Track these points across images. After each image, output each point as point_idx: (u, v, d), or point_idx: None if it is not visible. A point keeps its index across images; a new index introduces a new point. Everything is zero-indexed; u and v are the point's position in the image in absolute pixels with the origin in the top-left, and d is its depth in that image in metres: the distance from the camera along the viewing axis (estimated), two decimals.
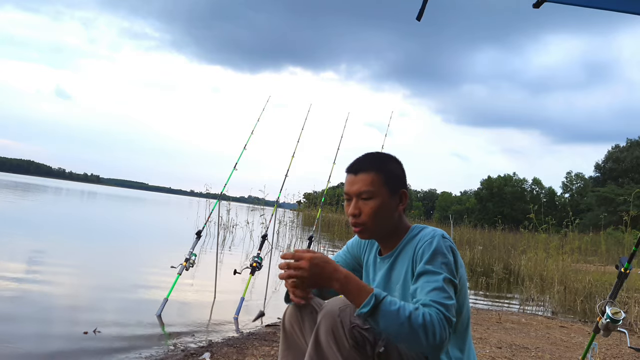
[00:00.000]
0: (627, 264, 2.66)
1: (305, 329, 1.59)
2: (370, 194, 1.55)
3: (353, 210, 1.57)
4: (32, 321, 3.51)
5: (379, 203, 1.55)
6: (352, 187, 1.58)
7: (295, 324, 1.62)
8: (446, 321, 1.31)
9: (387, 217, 1.57)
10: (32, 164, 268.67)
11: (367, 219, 1.56)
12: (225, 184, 5.20)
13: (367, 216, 1.55)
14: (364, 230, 1.58)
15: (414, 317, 1.28)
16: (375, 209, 1.55)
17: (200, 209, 11.92)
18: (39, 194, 27.42)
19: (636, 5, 1.84)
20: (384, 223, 1.57)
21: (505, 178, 57.05)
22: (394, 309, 1.31)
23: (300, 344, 1.61)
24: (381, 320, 1.31)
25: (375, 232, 1.59)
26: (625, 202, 10.33)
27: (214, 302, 4.92)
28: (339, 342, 1.36)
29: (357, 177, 1.58)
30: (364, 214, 1.56)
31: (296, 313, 1.62)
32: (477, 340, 4.21)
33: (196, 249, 4.58)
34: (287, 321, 1.64)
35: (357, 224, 1.58)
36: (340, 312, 1.39)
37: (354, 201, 1.58)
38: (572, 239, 10.71)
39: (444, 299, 1.35)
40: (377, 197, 1.55)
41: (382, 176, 1.56)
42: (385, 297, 1.33)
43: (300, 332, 1.61)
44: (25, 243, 7.69)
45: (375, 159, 1.61)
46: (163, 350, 3.19)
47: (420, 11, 1.93)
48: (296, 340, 1.62)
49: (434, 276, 1.40)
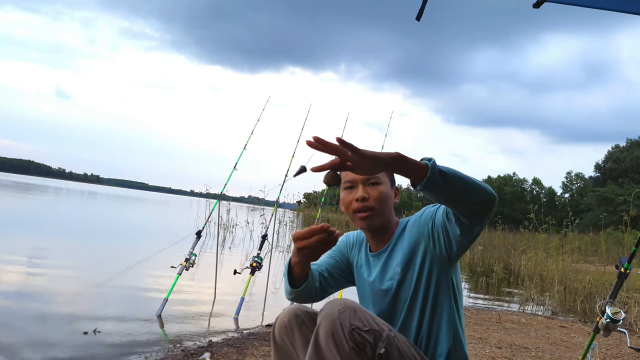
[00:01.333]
0: (627, 264, 2.66)
1: (296, 340, 1.57)
2: (377, 180, 1.60)
3: (362, 194, 1.58)
4: (32, 321, 3.51)
5: (385, 189, 1.60)
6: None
7: (285, 335, 1.60)
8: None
9: (389, 206, 1.63)
10: (32, 164, 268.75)
11: (375, 203, 1.58)
12: (225, 184, 5.21)
13: (376, 200, 1.58)
14: (373, 215, 1.59)
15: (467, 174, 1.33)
16: (383, 193, 1.59)
17: (200, 209, 11.92)
18: (39, 194, 27.41)
19: (636, 5, 1.84)
20: (388, 211, 1.62)
21: (505, 178, 57.10)
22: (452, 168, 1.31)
23: (292, 354, 1.59)
24: (450, 179, 1.28)
25: (382, 217, 1.61)
26: (625, 202, 10.32)
27: (214, 302, 4.92)
28: (338, 345, 1.35)
29: None
30: (372, 198, 1.58)
31: (286, 325, 1.60)
32: (477, 340, 4.21)
33: (196, 249, 4.58)
34: (277, 333, 1.62)
35: (365, 208, 1.58)
36: (340, 315, 1.37)
37: (361, 187, 1.60)
38: (572, 239, 10.70)
39: None
40: (383, 184, 1.60)
41: None
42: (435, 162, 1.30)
43: (291, 343, 1.59)
44: (26, 243, 7.69)
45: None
46: (163, 350, 3.19)
47: (420, 11, 1.93)
48: (287, 350, 1.61)
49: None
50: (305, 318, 1.58)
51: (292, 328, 1.58)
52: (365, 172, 1.27)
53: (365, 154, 1.23)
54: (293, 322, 1.59)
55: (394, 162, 1.26)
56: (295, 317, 1.59)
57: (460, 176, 1.30)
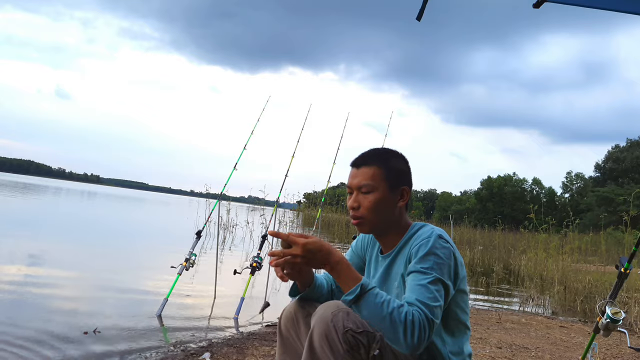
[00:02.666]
0: (627, 264, 2.65)
1: (301, 332, 1.60)
2: (369, 188, 1.57)
3: (352, 204, 1.60)
4: (32, 321, 3.50)
5: (378, 197, 1.57)
6: (354, 181, 1.61)
7: (291, 327, 1.63)
8: (427, 323, 1.33)
9: (386, 212, 1.58)
10: (32, 164, 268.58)
11: (365, 213, 1.58)
12: (225, 184, 5.20)
13: (366, 210, 1.58)
14: (362, 224, 1.60)
15: (396, 313, 1.31)
16: (373, 202, 1.57)
17: (200, 209, 11.90)
18: (39, 194, 27.40)
19: (636, 5, 1.84)
20: (383, 218, 1.58)
21: (505, 178, 57.00)
22: (378, 301, 1.33)
23: (297, 346, 1.62)
24: (364, 310, 1.34)
25: (374, 226, 1.60)
26: (625, 202, 10.31)
27: (214, 302, 4.92)
28: (332, 347, 1.35)
29: (358, 170, 1.61)
30: (362, 207, 1.58)
31: (292, 316, 1.63)
32: (477, 340, 4.21)
33: (196, 249, 4.58)
34: (283, 325, 1.65)
35: (355, 216, 1.60)
36: (333, 317, 1.38)
37: (354, 194, 1.60)
38: (572, 239, 10.70)
39: (429, 300, 1.36)
40: (377, 192, 1.57)
41: (383, 171, 1.58)
42: (372, 289, 1.35)
43: (296, 335, 1.61)
44: (26, 243, 7.69)
45: (379, 153, 1.64)
46: (163, 351, 3.19)
47: (420, 11, 1.93)
48: (292, 343, 1.63)
49: (423, 275, 1.41)
50: (311, 310, 1.59)
51: (298, 319, 1.61)
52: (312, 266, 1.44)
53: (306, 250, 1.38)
54: (299, 313, 1.62)
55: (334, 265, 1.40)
56: (301, 309, 1.62)
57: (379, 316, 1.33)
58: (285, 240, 1.41)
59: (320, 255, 1.39)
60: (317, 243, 1.39)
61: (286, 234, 1.40)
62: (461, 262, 1.52)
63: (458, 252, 1.52)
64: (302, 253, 1.38)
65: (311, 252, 1.38)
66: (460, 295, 1.52)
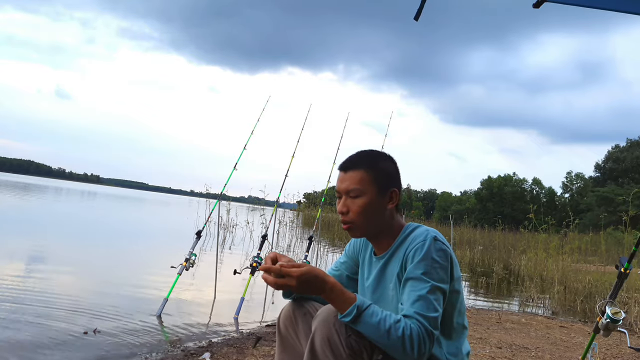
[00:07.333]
0: (627, 264, 2.66)
1: (300, 330, 1.59)
2: (357, 192, 1.55)
3: (341, 208, 1.58)
4: (32, 321, 3.50)
5: (366, 201, 1.55)
6: (342, 185, 1.59)
7: (289, 326, 1.62)
8: (427, 335, 1.33)
9: (376, 216, 1.56)
10: (32, 164, 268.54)
11: (354, 217, 1.56)
12: (225, 184, 5.20)
13: (355, 214, 1.56)
14: (352, 228, 1.59)
15: (393, 330, 1.31)
16: (362, 207, 1.55)
17: (200, 209, 11.91)
18: (39, 194, 27.41)
19: (636, 5, 1.84)
20: (373, 221, 1.57)
21: (505, 178, 57.01)
22: (375, 320, 1.33)
23: (296, 345, 1.62)
24: (362, 330, 1.34)
25: (364, 230, 1.59)
26: (625, 202, 10.31)
27: (214, 302, 4.92)
28: (335, 352, 1.35)
29: (346, 174, 1.59)
30: (351, 212, 1.56)
31: (290, 315, 1.62)
32: (477, 340, 4.21)
33: (196, 249, 4.58)
34: (282, 323, 1.65)
35: (345, 221, 1.59)
36: (336, 321, 1.37)
37: (343, 199, 1.59)
38: (572, 239, 10.71)
39: (427, 311, 1.35)
40: (365, 195, 1.55)
41: (371, 174, 1.56)
42: (368, 308, 1.35)
43: (295, 334, 1.61)
44: (26, 243, 7.69)
45: (367, 156, 1.61)
46: (163, 351, 3.19)
47: (418, 11, 1.93)
48: (291, 342, 1.63)
49: (420, 284, 1.40)
50: (309, 308, 1.59)
51: (296, 318, 1.60)
52: (306, 294, 1.51)
53: (300, 281, 1.37)
54: (297, 312, 1.61)
55: (329, 293, 1.39)
56: (299, 308, 1.62)
57: (377, 334, 1.33)
58: (277, 273, 1.38)
59: (314, 285, 1.38)
60: (311, 273, 1.37)
61: (278, 267, 1.38)
62: (456, 262, 1.52)
63: (453, 253, 1.51)
64: (297, 284, 1.37)
65: (306, 283, 1.37)
66: (454, 295, 1.51)
